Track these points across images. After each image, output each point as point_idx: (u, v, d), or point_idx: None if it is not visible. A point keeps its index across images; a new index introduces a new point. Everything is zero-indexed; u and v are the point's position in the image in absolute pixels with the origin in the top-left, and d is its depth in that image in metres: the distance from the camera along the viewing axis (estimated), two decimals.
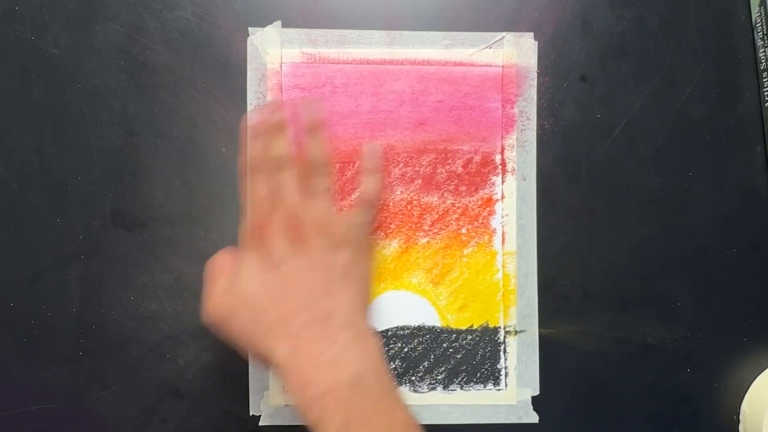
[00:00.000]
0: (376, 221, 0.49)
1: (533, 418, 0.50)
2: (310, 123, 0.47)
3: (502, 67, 0.50)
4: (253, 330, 0.42)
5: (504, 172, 0.50)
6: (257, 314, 0.42)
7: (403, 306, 0.50)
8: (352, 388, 0.40)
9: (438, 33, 0.50)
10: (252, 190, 0.45)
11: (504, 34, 0.50)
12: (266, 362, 0.42)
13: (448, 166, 0.50)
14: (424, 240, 0.50)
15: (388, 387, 0.41)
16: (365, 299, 0.44)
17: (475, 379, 0.50)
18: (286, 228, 0.43)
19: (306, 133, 0.47)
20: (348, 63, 0.50)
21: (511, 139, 0.50)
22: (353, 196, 0.49)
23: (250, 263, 0.43)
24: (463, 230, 0.50)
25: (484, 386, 0.50)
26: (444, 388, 0.50)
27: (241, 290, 0.42)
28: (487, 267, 0.50)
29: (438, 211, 0.50)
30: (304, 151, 0.46)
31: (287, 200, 0.44)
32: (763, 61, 0.49)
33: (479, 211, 0.50)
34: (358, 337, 0.42)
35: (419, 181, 0.50)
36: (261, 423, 0.50)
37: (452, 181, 0.50)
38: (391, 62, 0.50)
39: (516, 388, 0.50)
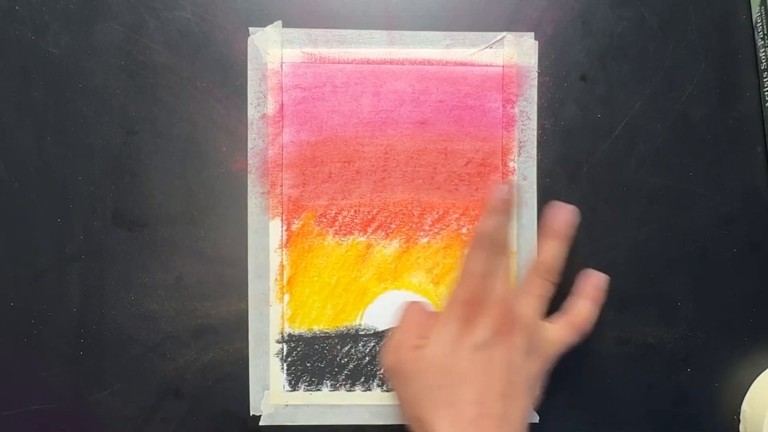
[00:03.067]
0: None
1: (533, 418, 0.50)
2: (559, 229, 0.47)
3: (503, 66, 0.50)
4: (431, 396, 0.42)
5: (504, 172, 0.50)
6: (442, 384, 0.42)
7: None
8: None
9: (438, 33, 0.50)
10: (473, 264, 0.44)
11: (504, 34, 0.50)
12: (422, 430, 0.41)
13: (448, 166, 0.50)
14: (425, 240, 0.50)
15: None
16: (531, 412, 0.45)
17: None
18: (499, 315, 0.43)
19: (550, 234, 0.47)
20: (348, 63, 0.50)
21: (512, 139, 0.50)
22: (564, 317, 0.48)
23: (450, 332, 0.43)
24: (464, 230, 0.50)
25: None
26: None
27: (434, 355, 0.42)
28: None
29: (438, 211, 0.50)
30: (540, 249, 0.47)
31: (504, 288, 0.44)
32: (763, 61, 0.49)
33: (480, 210, 0.50)
34: None
35: (419, 181, 0.50)
36: (261, 423, 0.50)
37: (452, 181, 0.50)
38: (391, 62, 0.50)
39: None
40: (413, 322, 0.45)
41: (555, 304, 0.50)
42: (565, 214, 0.48)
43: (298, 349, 0.50)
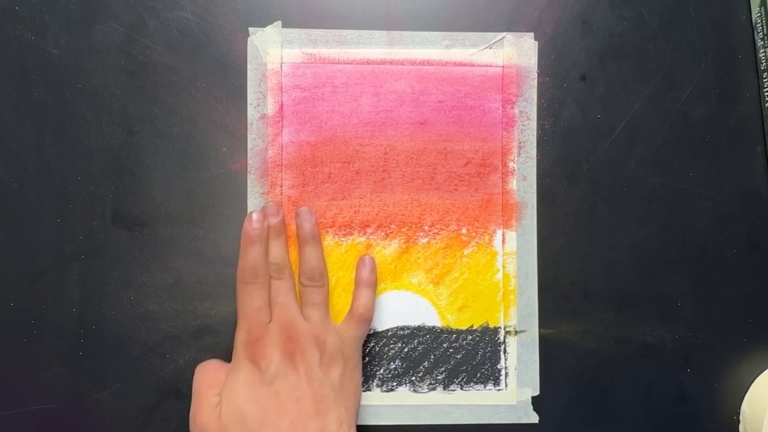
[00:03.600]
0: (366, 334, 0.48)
1: (533, 418, 0.50)
2: (307, 232, 0.47)
3: (503, 67, 0.50)
4: None
5: (504, 172, 0.50)
6: (250, 430, 0.41)
7: (403, 306, 0.50)
8: None
9: (438, 33, 0.50)
10: (245, 301, 0.44)
11: (504, 34, 0.50)
12: None
13: (448, 166, 0.50)
14: (424, 240, 0.50)
15: None
16: (354, 415, 0.44)
17: (475, 379, 0.50)
18: (281, 341, 0.43)
19: (302, 242, 0.47)
20: (348, 63, 0.50)
21: (512, 139, 0.50)
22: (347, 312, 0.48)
23: (244, 377, 0.43)
24: (463, 230, 0.50)
25: (484, 386, 0.50)
26: (444, 389, 0.50)
27: (234, 406, 0.42)
28: (487, 267, 0.50)
29: (438, 211, 0.50)
30: (300, 259, 0.47)
31: (284, 310, 0.44)
32: (763, 61, 0.49)
33: (479, 211, 0.50)
34: None
35: (419, 181, 0.50)
36: None
37: (452, 181, 0.50)
38: (391, 62, 0.50)
39: (516, 388, 0.50)
40: (205, 381, 0.44)
41: (561, 307, 0.50)
42: (304, 217, 0.48)
43: None
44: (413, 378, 0.50)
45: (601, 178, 0.50)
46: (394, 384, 0.50)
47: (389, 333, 0.50)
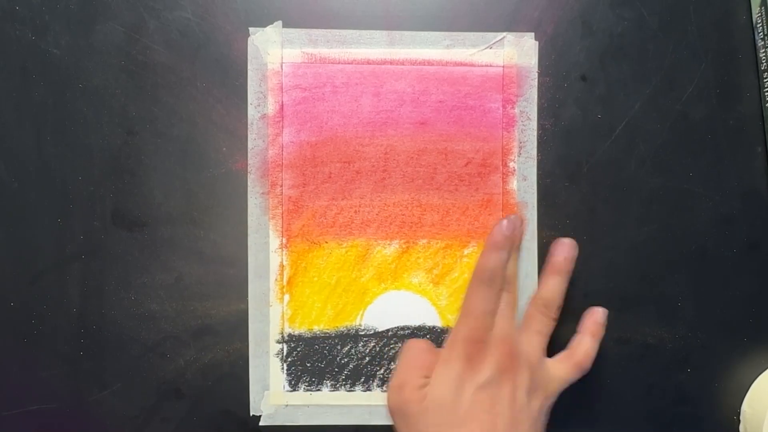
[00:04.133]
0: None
1: None
2: (562, 262, 0.47)
3: (503, 67, 0.50)
4: None
5: (505, 172, 0.50)
6: (448, 423, 0.42)
7: (404, 306, 0.50)
8: None
9: (438, 33, 0.50)
10: (477, 300, 0.44)
11: (504, 34, 0.50)
12: None
13: (448, 166, 0.50)
14: (425, 240, 0.50)
15: None
16: None
17: None
18: (501, 353, 0.43)
19: (553, 270, 0.47)
20: (349, 63, 0.50)
21: (512, 139, 0.50)
22: (565, 351, 0.48)
23: (455, 371, 0.43)
24: (464, 230, 0.50)
25: None
26: None
27: (439, 394, 0.42)
28: None
29: (438, 211, 0.50)
30: (543, 285, 0.47)
31: (509, 325, 0.44)
32: (763, 61, 0.49)
33: (480, 211, 0.50)
34: None
35: (419, 181, 0.50)
36: (261, 423, 0.50)
37: (452, 181, 0.50)
38: (391, 62, 0.50)
39: None
40: (416, 360, 0.44)
41: (570, 308, 0.50)
42: (566, 250, 0.47)
43: (298, 349, 0.50)
44: None
45: (602, 179, 0.50)
46: None
47: (389, 333, 0.50)
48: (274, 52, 0.49)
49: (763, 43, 0.49)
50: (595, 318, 0.48)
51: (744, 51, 0.50)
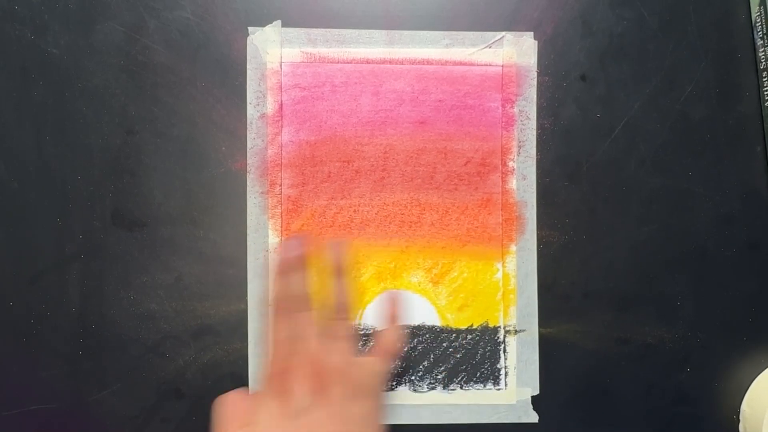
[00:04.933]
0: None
1: (533, 417, 0.50)
2: (337, 264, 0.46)
3: (502, 66, 0.50)
4: None
5: (504, 171, 0.50)
6: None
7: (404, 306, 0.50)
8: None
9: (438, 32, 0.50)
10: (274, 331, 0.44)
11: (504, 33, 0.50)
12: None
13: (447, 166, 0.50)
14: (424, 239, 0.50)
15: None
16: None
17: (474, 379, 0.50)
18: (306, 375, 0.42)
19: (331, 273, 0.46)
20: (348, 62, 0.50)
21: (511, 139, 0.50)
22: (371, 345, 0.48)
23: (269, 411, 0.42)
24: (463, 229, 0.50)
25: (484, 386, 0.50)
26: (444, 388, 0.50)
27: None
28: (487, 266, 0.50)
29: (438, 211, 0.50)
30: (327, 292, 0.46)
31: (308, 343, 0.43)
32: (763, 60, 0.49)
33: (479, 210, 0.50)
34: None
35: (419, 180, 0.50)
36: None
37: (452, 181, 0.50)
38: (391, 61, 0.50)
39: (516, 388, 0.50)
40: (233, 413, 0.43)
41: (561, 307, 0.50)
42: (337, 251, 0.47)
43: None
44: (413, 377, 0.50)
45: (601, 178, 0.50)
46: (394, 383, 0.50)
47: None
48: (273, 51, 0.49)
49: (762, 42, 0.49)
50: (386, 304, 0.48)
51: (744, 51, 0.50)
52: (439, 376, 0.50)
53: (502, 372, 0.50)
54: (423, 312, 0.50)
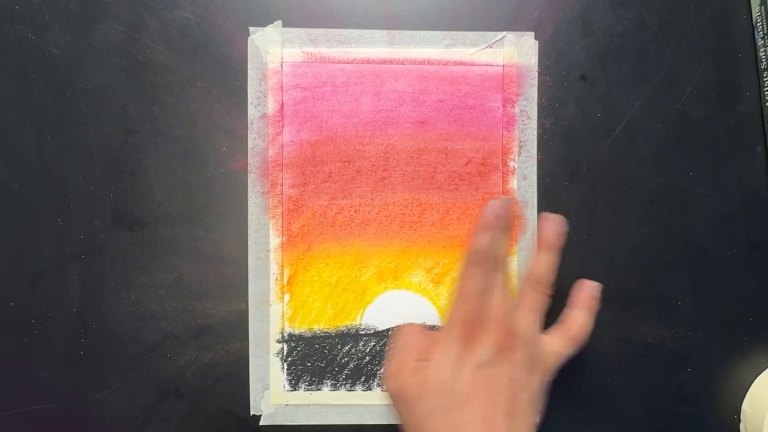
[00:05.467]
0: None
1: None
2: (551, 241, 0.47)
3: (503, 66, 0.50)
4: (437, 420, 0.41)
5: (505, 171, 0.50)
6: (447, 407, 0.41)
7: (404, 305, 0.50)
8: None
9: (438, 32, 0.50)
10: (469, 282, 0.44)
11: (504, 33, 0.50)
12: None
13: (448, 166, 0.50)
14: (425, 239, 0.50)
15: None
16: (534, 428, 0.44)
17: None
18: (498, 332, 0.43)
19: (544, 246, 0.47)
20: (349, 62, 0.50)
21: (512, 139, 0.50)
22: (559, 326, 0.47)
23: (452, 353, 0.42)
24: (464, 229, 0.50)
25: None
26: None
27: (438, 378, 0.42)
28: None
29: (438, 211, 0.50)
30: (535, 262, 0.47)
31: (501, 304, 0.44)
32: (763, 60, 0.49)
33: (480, 210, 0.50)
34: None
35: (420, 180, 0.50)
36: (261, 423, 0.50)
37: (453, 181, 0.50)
38: (391, 62, 0.50)
39: None
40: (412, 344, 0.44)
41: (561, 307, 0.50)
42: (554, 225, 0.48)
43: (299, 348, 0.50)
44: None
45: (601, 178, 0.50)
46: None
47: (390, 332, 0.50)
48: (274, 51, 0.49)
49: (763, 42, 0.49)
50: (587, 292, 0.48)
51: (744, 51, 0.50)
52: None
53: None
54: (424, 312, 0.50)
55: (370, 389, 0.50)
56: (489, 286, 0.44)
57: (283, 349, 0.50)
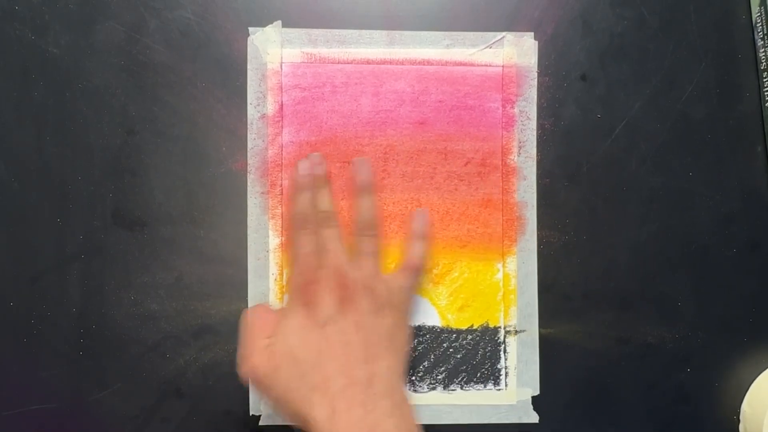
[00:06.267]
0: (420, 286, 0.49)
1: (533, 417, 0.50)
2: (363, 182, 0.48)
3: (503, 66, 0.50)
4: (297, 388, 0.42)
5: (504, 171, 0.50)
6: (302, 372, 0.42)
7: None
8: None
9: (438, 33, 0.50)
10: (298, 245, 0.45)
11: (504, 33, 0.50)
12: (303, 422, 0.42)
13: (448, 166, 0.50)
14: None
15: None
16: (404, 365, 0.45)
17: (475, 379, 0.50)
18: (333, 286, 0.43)
19: (358, 192, 0.48)
20: (348, 63, 0.50)
21: (512, 139, 0.50)
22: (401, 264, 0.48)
23: (296, 319, 0.43)
24: (463, 230, 0.50)
25: (484, 386, 0.50)
26: (444, 388, 0.50)
27: (286, 347, 0.42)
28: (487, 267, 0.50)
29: (438, 211, 0.50)
30: (354, 209, 0.48)
31: (333, 258, 0.45)
32: (763, 61, 0.49)
33: (479, 210, 0.50)
34: (396, 406, 0.42)
35: (419, 181, 0.50)
36: (261, 423, 0.50)
37: (452, 181, 0.50)
38: (391, 62, 0.50)
39: (516, 388, 0.50)
40: (258, 324, 0.44)
41: (561, 307, 0.50)
42: (362, 168, 0.48)
43: None
44: (413, 378, 0.50)
45: (601, 178, 0.50)
46: None
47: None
48: (273, 51, 0.49)
49: (762, 42, 0.49)
50: (417, 221, 0.49)
51: (744, 51, 0.50)
52: (439, 377, 0.50)
53: (503, 372, 0.50)
54: (423, 312, 0.50)
55: None
56: (316, 246, 0.45)
57: None
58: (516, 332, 0.50)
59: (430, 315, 0.50)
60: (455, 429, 0.50)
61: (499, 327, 0.50)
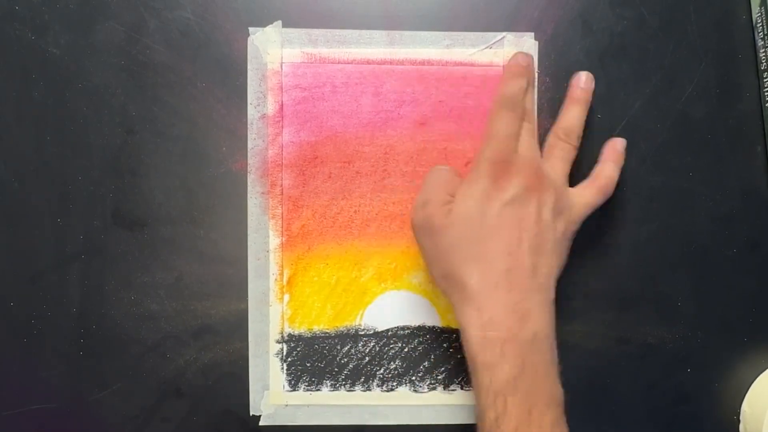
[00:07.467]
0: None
1: None
2: (581, 92, 0.48)
3: (503, 66, 0.50)
4: (459, 251, 0.42)
5: None
6: (473, 238, 0.42)
7: (404, 306, 0.50)
8: (531, 346, 0.41)
9: (438, 33, 0.50)
10: (501, 124, 0.44)
11: (504, 33, 0.50)
12: (453, 284, 0.42)
13: (448, 166, 0.50)
14: None
15: (555, 357, 0.43)
16: (556, 278, 0.45)
17: None
18: (527, 174, 0.43)
19: (572, 101, 0.48)
20: (348, 63, 0.50)
21: None
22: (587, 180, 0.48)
23: (480, 188, 0.43)
24: None
25: None
26: (444, 388, 0.50)
27: (465, 209, 0.43)
28: None
29: None
30: (563, 115, 0.48)
31: (531, 151, 0.45)
32: (763, 61, 0.49)
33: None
34: (548, 302, 0.43)
35: (419, 180, 0.50)
36: (261, 423, 0.50)
37: None
38: (391, 62, 0.50)
39: None
40: (440, 180, 0.45)
41: (561, 307, 0.50)
42: (584, 81, 0.48)
43: (298, 349, 0.50)
44: (413, 378, 0.50)
45: None
46: (395, 384, 0.50)
47: (389, 333, 0.50)
48: (273, 51, 0.49)
49: (763, 42, 0.49)
50: (614, 146, 0.48)
51: (744, 51, 0.50)
52: (439, 377, 0.50)
53: None
54: (424, 312, 0.50)
55: (370, 390, 0.50)
56: (518, 131, 0.45)
57: (282, 349, 0.50)
58: None
59: (431, 315, 0.50)
60: (455, 429, 0.50)
61: None
